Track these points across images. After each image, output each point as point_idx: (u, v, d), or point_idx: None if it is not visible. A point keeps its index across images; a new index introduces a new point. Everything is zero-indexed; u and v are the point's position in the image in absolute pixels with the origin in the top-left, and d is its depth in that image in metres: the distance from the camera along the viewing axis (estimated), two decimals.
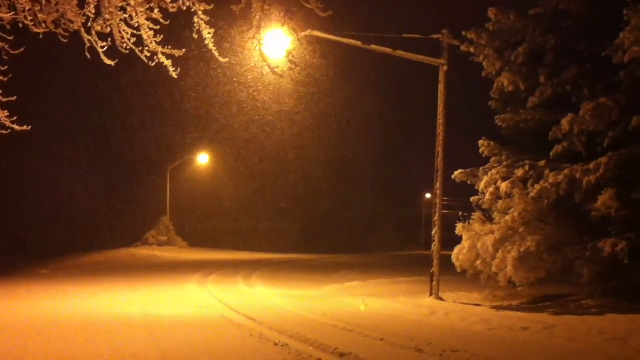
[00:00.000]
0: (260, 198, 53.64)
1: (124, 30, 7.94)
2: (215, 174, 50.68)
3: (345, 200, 58.13)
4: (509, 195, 14.44)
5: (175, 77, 8.63)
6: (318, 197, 56.29)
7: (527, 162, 14.68)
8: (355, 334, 10.24)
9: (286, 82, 17.10)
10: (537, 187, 13.69)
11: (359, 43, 16.05)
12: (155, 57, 8.30)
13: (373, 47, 16.20)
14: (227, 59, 10.90)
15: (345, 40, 15.96)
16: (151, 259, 35.18)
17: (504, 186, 14.42)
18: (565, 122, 13.53)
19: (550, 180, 13.51)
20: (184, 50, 8.50)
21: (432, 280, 16.12)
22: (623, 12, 12.29)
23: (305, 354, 8.42)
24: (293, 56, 14.66)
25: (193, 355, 8.43)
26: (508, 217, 14.05)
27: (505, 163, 15.44)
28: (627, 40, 12.19)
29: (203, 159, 47.05)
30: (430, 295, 16.04)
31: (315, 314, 12.81)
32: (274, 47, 14.68)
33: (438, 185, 16.45)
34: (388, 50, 16.35)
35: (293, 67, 14.94)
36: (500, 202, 14.80)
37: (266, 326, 11.01)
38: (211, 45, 8.52)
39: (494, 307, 14.27)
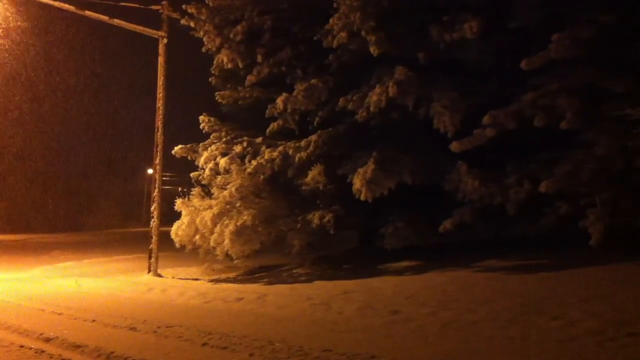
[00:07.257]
0: None
1: None
2: None
3: (60, 174, 54.35)
4: (227, 171, 14.70)
5: None
6: (28, 171, 51.66)
7: (245, 138, 15.13)
8: (64, 316, 9.63)
9: None
10: (254, 162, 14.16)
11: (72, 8, 15.02)
12: None
13: (87, 13, 15.27)
14: None
15: (55, 3, 14.77)
16: None
17: (222, 162, 14.66)
18: (279, 101, 14.08)
19: (266, 157, 14.05)
20: None
21: (150, 257, 15.94)
22: None
23: (5, 342, 7.64)
24: None
25: None
26: (226, 192, 14.31)
27: (224, 139, 15.71)
28: (336, 26, 12.88)
29: None
30: (149, 272, 15.84)
31: (20, 298, 11.79)
32: None
33: (157, 161, 16.21)
34: (104, 17, 15.55)
35: None
36: (219, 178, 15.00)
37: None
38: None
39: (211, 281, 14.53)
